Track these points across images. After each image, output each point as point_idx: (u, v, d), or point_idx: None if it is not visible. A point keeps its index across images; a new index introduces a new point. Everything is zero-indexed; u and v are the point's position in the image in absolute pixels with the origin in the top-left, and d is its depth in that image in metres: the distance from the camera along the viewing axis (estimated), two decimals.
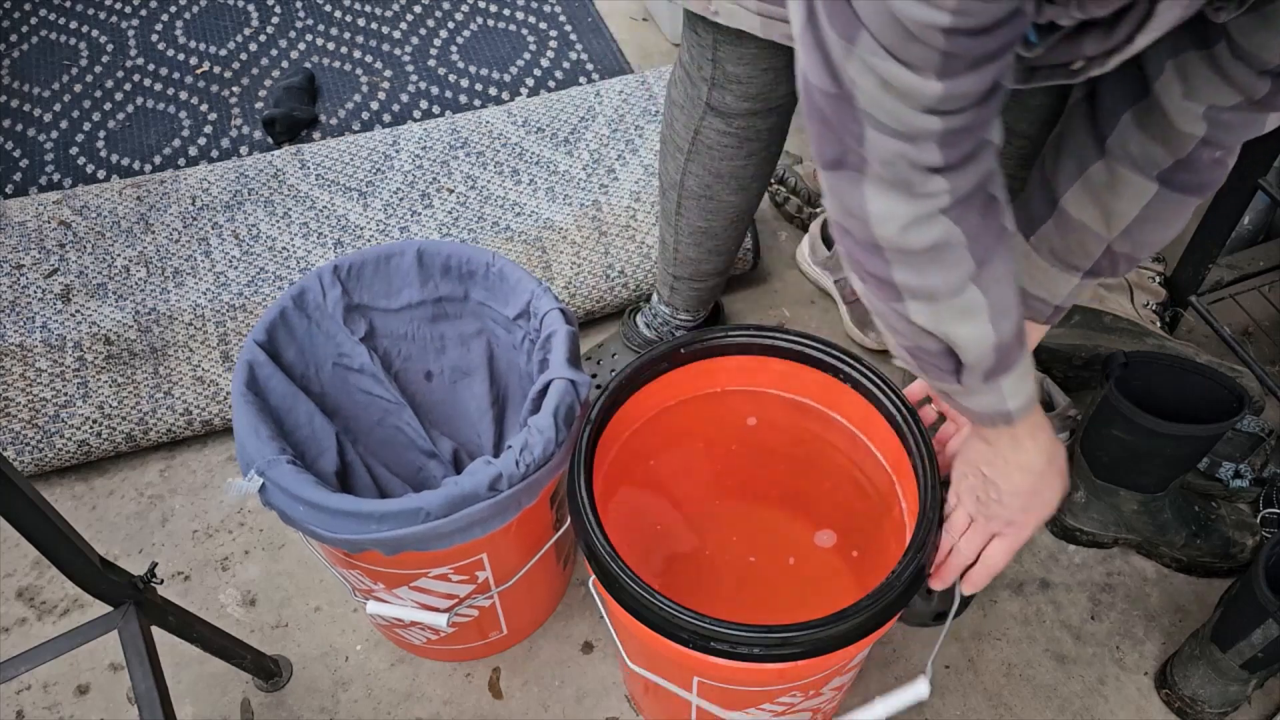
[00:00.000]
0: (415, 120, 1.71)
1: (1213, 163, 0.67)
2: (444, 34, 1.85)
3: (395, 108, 1.73)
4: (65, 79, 1.76)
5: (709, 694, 0.81)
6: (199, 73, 1.78)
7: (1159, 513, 1.17)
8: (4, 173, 1.62)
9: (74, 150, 1.65)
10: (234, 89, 1.75)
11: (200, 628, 0.96)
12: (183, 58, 1.80)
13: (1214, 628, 1.04)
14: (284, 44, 1.82)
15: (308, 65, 1.78)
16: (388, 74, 1.78)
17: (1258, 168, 1.19)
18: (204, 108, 1.72)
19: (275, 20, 1.86)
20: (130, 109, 1.72)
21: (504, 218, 1.42)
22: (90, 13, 1.88)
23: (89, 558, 0.81)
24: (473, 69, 1.79)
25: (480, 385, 1.12)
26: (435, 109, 1.73)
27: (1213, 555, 1.18)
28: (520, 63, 1.80)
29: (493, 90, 1.76)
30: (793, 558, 1.00)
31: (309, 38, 1.84)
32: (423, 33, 1.85)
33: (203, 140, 1.67)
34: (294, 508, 0.82)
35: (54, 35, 1.84)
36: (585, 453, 0.81)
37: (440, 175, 1.46)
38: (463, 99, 1.74)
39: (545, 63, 1.80)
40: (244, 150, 1.65)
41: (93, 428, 1.24)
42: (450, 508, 0.81)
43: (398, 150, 1.48)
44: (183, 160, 1.64)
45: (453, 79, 1.78)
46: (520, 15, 1.88)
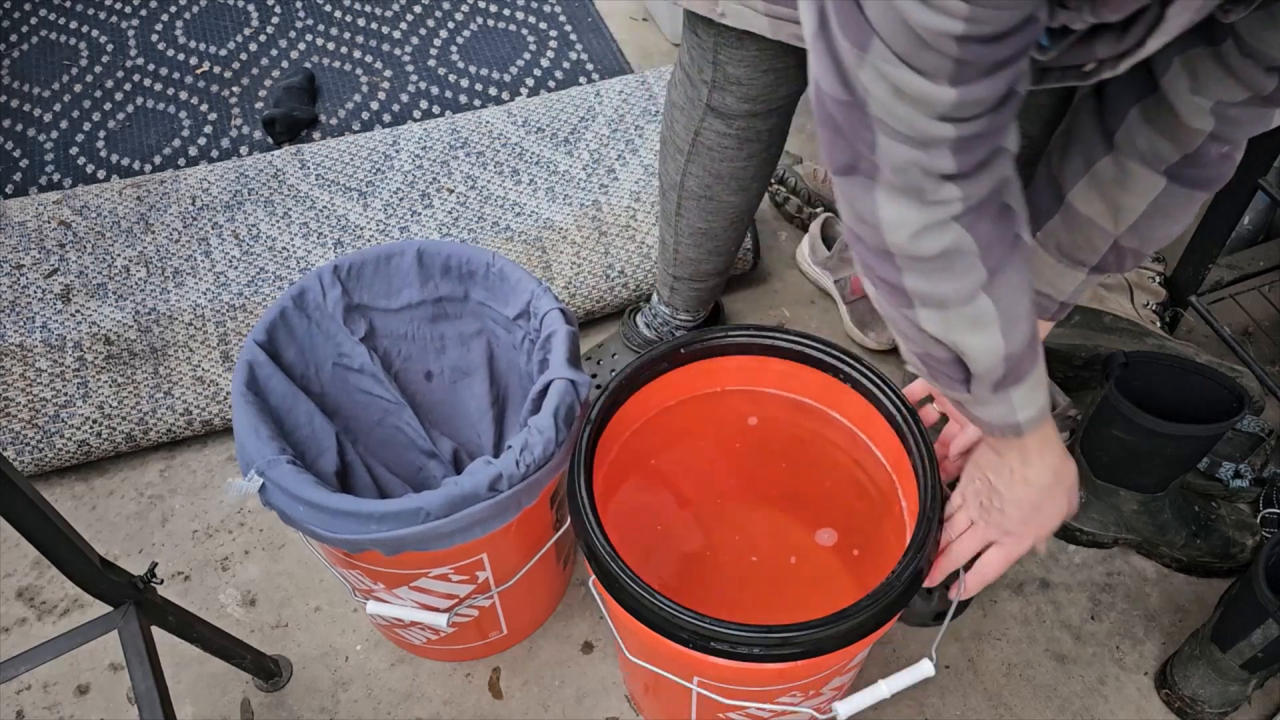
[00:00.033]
0: (415, 120, 1.71)
1: (1220, 158, 0.67)
2: (444, 34, 1.85)
3: (395, 108, 1.73)
4: (65, 79, 1.76)
5: (709, 693, 0.81)
6: (199, 73, 1.78)
7: (1159, 513, 1.17)
8: (4, 173, 1.62)
9: (74, 150, 1.65)
10: (234, 89, 1.75)
11: (200, 628, 0.96)
12: (183, 58, 1.80)
13: (1214, 628, 1.04)
14: (284, 44, 1.82)
15: (308, 65, 1.78)
16: (388, 74, 1.78)
17: (1258, 168, 1.19)
18: (204, 108, 1.72)
19: (275, 20, 1.86)
20: (130, 109, 1.72)
21: (504, 218, 1.42)
22: (90, 13, 1.88)
23: (89, 558, 0.81)
24: (473, 69, 1.79)
25: (480, 385, 1.12)
26: (435, 109, 1.73)
27: (1213, 555, 1.18)
28: (520, 63, 1.80)
29: (493, 90, 1.76)
30: (794, 557, 1.00)
31: (309, 38, 1.84)
32: (423, 33, 1.85)
33: (203, 140, 1.67)
34: (294, 508, 0.82)
35: (54, 35, 1.84)
36: (585, 453, 0.81)
37: (440, 175, 1.46)
38: (463, 99, 1.74)
39: (545, 63, 1.80)
40: (244, 150, 1.65)
41: (93, 428, 1.24)
42: (450, 508, 0.81)
43: (398, 150, 1.48)
44: (183, 160, 1.64)
45: (453, 79, 1.78)
46: (520, 15, 1.88)
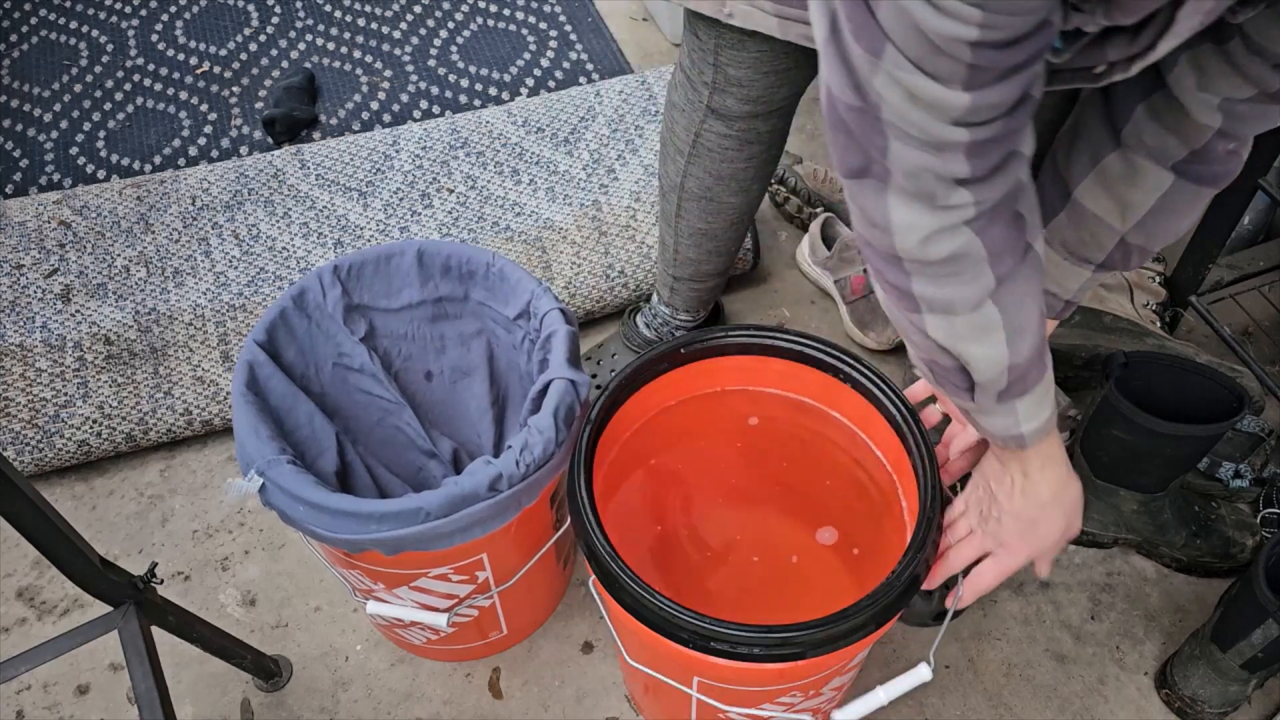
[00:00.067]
0: (415, 120, 1.71)
1: (1227, 154, 0.67)
2: (444, 34, 1.85)
3: (395, 108, 1.73)
4: (65, 79, 1.76)
5: (709, 693, 0.81)
6: (199, 73, 1.78)
7: (1159, 513, 1.17)
8: (4, 173, 1.62)
9: (74, 150, 1.65)
10: (234, 89, 1.75)
11: (200, 628, 0.96)
12: (183, 58, 1.80)
13: (1214, 628, 1.04)
14: (284, 44, 1.82)
15: (308, 65, 1.78)
16: (388, 74, 1.78)
17: (1258, 168, 1.19)
18: (204, 108, 1.72)
19: (275, 20, 1.86)
20: (130, 109, 1.72)
21: (504, 218, 1.42)
22: (90, 13, 1.88)
23: (89, 558, 0.81)
24: (473, 69, 1.79)
25: (480, 385, 1.12)
26: (435, 109, 1.73)
27: (1213, 555, 1.18)
28: (520, 63, 1.80)
29: (493, 90, 1.76)
30: (795, 556, 1.00)
31: (309, 38, 1.84)
32: (423, 33, 1.85)
33: (203, 140, 1.67)
34: (294, 508, 0.82)
35: (54, 35, 1.84)
36: (585, 453, 0.81)
37: (440, 175, 1.46)
38: (463, 99, 1.74)
39: (545, 63, 1.80)
40: (244, 150, 1.65)
41: (93, 428, 1.24)
42: (450, 508, 0.81)
43: (398, 150, 1.48)
44: (183, 160, 1.64)
45: (453, 79, 1.78)
46: (520, 15, 1.88)
